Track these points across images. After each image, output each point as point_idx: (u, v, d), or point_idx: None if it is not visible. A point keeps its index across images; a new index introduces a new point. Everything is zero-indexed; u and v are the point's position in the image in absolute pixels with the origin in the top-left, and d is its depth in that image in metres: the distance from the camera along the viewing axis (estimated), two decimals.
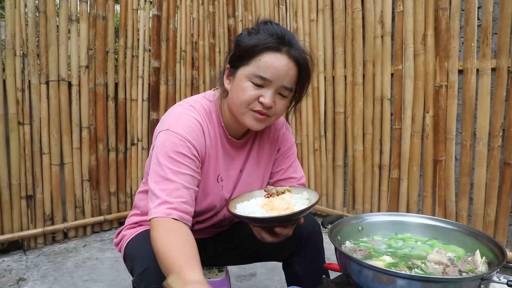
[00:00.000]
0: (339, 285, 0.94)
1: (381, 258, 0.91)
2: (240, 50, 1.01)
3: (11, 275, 2.06)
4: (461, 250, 0.99)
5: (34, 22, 2.33)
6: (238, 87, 1.01)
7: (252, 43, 0.99)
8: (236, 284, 1.95)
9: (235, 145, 1.15)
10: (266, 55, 0.98)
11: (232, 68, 1.04)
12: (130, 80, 2.79)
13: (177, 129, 0.98)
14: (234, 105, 1.03)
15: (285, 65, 0.99)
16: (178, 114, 1.04)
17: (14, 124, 2.28)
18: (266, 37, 0.99)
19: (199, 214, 1.14)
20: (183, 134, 0.98)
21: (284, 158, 1.25)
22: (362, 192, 2.58)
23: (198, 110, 1.06)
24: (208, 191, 1.11)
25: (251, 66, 0.99)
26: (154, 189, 0.94)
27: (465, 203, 2.07)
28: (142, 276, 0.93)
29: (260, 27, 1.02)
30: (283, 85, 1.00)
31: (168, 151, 0.96)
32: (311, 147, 2.88)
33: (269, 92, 0.99)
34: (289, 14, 2.95)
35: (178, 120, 1.01)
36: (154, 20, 2.84)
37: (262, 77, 0.98)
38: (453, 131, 2.10)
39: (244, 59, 1.00)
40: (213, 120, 1.09)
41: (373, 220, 1.12)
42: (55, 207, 2.48)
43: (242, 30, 1.08)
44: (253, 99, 1.00)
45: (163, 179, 0.94)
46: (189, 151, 0.98)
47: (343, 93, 2.64)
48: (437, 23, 2.11)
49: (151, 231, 0.90)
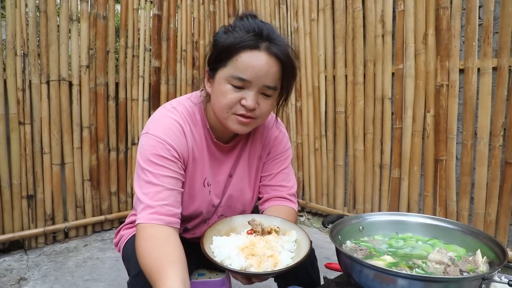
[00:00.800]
0: (340, 285, 0.93)
1: (381, 258, 0.91)
2: (217, 50, 0.95)
3: (12, 275, 2.06)
4: (462, 249, 0.99)
5: (35, 21, 2.33)
6: (218, 90, 0.95)
7: (229, 42, 0.92)
8: (237, 284, 1.95)
9: (223, 149, 1.10)
10: (243, 54, 0.91)
11: (211, 71, 0.99)
12: (131, 80, 2.79)
13: (155, 132, 0.96)
14: (216, 110, 0.98)
15: (265, 63, 0.91)
16: (158, 117, 1.01)
17: (15, 124, 2.29)
18: (242, 34, 0.91)
19: (187, 220, 1.11)
20: (161, 136, 0.96)
21: (274, 163, 1.17)
22: (363, 192, 2.57)
23: (180, 112, 1.02)
24: (195, 196, 1.07)
25: (229, 68, 0.92)
26: (138, 194, 0.94)
27: (466, 203, 2.07)
28: (136, 278, 0.92)
29: (236, 24, 0.95)
30: (265, 85, 0.93)
31: (148, 155, 0.95)
32: (311, 146, 2.88)
33: (251, 94, 0.93)
34: (290, 14, 2.95)
35: (157, 123, 0.99)
36: (154, 20, 2.84)
37: (241, 78, 0.91)
38: (454, 131, 2.10)
39: (221, 61, 0.94)
40: (198, 122, 1.05)
41: (374, 220, 1.12)
42: (56, 207, 2.48)
43: (219, 28, 1.00)
44: (234, 102, 0.93)
45: (145, 183, 0.94)
46: (169, 153, 0.95)
47: (344, 92, 2.64)
48: (438, 22, 2.10)
49: (136, 237, 0.91)
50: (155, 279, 0.79)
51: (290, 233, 0.97)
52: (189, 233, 1.17)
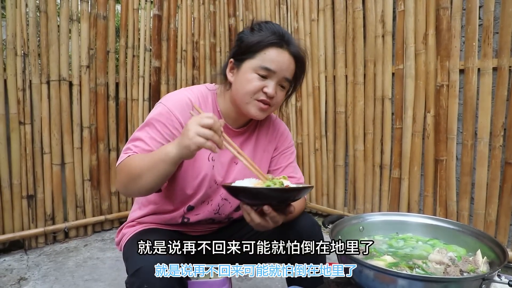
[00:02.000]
0: (340, 285, 0.93)
1: (382, 258, 0.91)
2: (245, 45, 1.10)
3: (12, 275, 2.06)
4: (462, 250, 0.99)
5: (35, 22, 2.33)
6: (244, 78, 1.09)
7: (257, 39, 1.08)
8: (237, 284, 1.95)
9: (229, 133, 1.18)
10: (270, 49, 1.08)
11: (236, 62, 1.12)
12: (131, 80, 2.79)
13: (167, 103, 1.10)
14: (239, 95, 1.10)
15: (287, 59, 1.09)
16: (173, 93, 1.17)
17: (15, 124, 2.29)
18: (269, 34, 1.08)
19: (190, 197, 1.15)
20: (169, 107, 1.08)
21: (282, 157, 1.28)
22: (363, 192, 2.57)
23: (194, 92, 1.16)
24: (199, 168, 1.14)
25: (256, 59, 1.08)
26: (128, 144, 1.05)
27: (466, 203, 2.07)
28: (134, 277, 0.93)
29: (262, 26, 1.12)
30: (285, 77, 1.10)
31: (151, 119, 1.07)
32: (312, 146, 2.88)
33: (272, 83, 1.08)
34: (290, 14, 2.95)
35: (170, 97, 1.13)
36: (155, 20, 2.84)
37: (268, 68, 1.07)
38: (454, 131, 2.10)
39: (249, 53, 1.09)
40: (209, 104, 1.17)
41: (374, 220, 1.12)
42: (56, 207, 2.48)
43: (244, 29, 1.18)
44: (258, 89, 1.08)
45: (137, 139, 1.05)
46: (171, 124, 1.07)
47: (344, 92, 2.64)
48: (438, 22, 2.10)
49: (120, 171, 1.01)
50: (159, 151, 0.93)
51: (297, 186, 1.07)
52: (192, 213, 1.19)
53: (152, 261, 0.88)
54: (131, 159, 0.99)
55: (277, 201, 0.96)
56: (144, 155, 0.98)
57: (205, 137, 0.84)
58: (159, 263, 0.87)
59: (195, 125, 0.84)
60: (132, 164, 0.97)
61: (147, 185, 0.95)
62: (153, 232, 1.13)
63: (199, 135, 0.83)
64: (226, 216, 1.27)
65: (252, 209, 0.97)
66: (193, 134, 0.83)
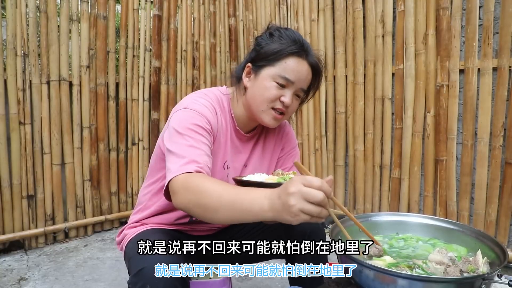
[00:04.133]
0: (340, 285, 0.93)
1: (381, 258, 0.91)
2: (265, 52, 1.09)
3: (12, 275, 2.06)
4: (463, 250, 0.99)
5: (35, 22, 2.33)
6: (262, 85, 1.08)
7: (278, 48, 1.07)
8: (237, 283, 1.95)
9: (242, 139, 1.20)
10: (291, 59, 1.07)
11: (254, 67, 1.11)
12: (131, 80, 2.79)
13: (194, 107, 1.04)
14: (255, 102, 1.09)
15: (306, 70, 1.09)
16: (194, 97, 1.10)
17: (15, 124, 2.29)
18: (290, 43, 1.07)
19: None
20: (200, 111, 1.04)
21: (288, 157, 1.30)
22: (363, 192, 2.57)
23: (211, 97, 1.13)
24: (215, 176, 1.11)
25: (276, 68, 1.07)
26: (178, 152, 0.93)
27: (466, 203, 2.07)
28: (136, 277, 0.93)
29: (283, 33, 1.10)
30: (301, 87, 1.10)
31: (187, 124, 1.00)
32: (312, 147, 2.88)
33: (290, 92, 1.08)
34: (290, 14, 2.95)
35: (194, 102, 1.07)
36: (155, 20, 2.84)
37: (287, 78, 1.06)
38: (454, 131, 2.10)
39: (269, 61, 1.08)
40: (225, 110, 1.15)
41: (374, 220, 1.12)
42: (56, 207, 2.48)
43: (263, 33, 1.15)
44: (276, 97, 1.07)
45: (187, 147, 0.95)
46: (206, 126, 1.03)
47: (344, 92, 2.64)
48: (438, 22, 2.10)
49: (184, 183, 0.86)
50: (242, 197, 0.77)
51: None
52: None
53: (155, 262, 0.88)
54: (203, 182, 0.84)
55: None
56: (222, 186, 0.82)
57: (311, 215, 0.69)
58: (160, 263, 0.87)
59: (300, 200, 0.68)
60: (207, 191, 0.82)
61: (219, 220, 0.84)
62: (155, 233, 1.13)
63: (304, 213, 0.68)
64: None
65: None
66: (297, 211, 0.68)
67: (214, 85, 3.21)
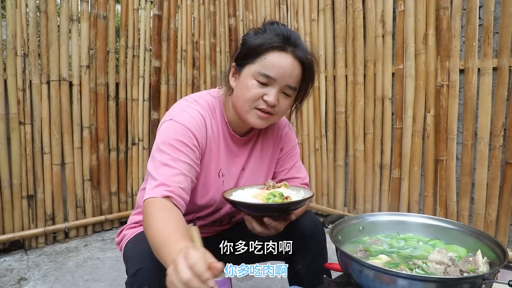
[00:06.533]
0: (340, 285, 0.93)
1: (378, 257, 0.91)
2: (246, 48, 1.03)
3: (12, 275, 2.06)
4: (463, 250, 0.99)
5: (35, 22, 2.33)
6: (243, 85, 1.02)
7: (258, 42, 1.00)
8: (237, 284, 1.95)
9: (238, 142, 1.16)
10: (271, 54, 0.99)
11: (238, 66, 1.06)
12: (131, 80, 2.79)
13: (180, 119, 1.00)
14: (239, 103, 1.04)
15: (290, 65, 1.00)
16: (182, 106, 1.06)
17: (15, 124, 2.29)
18: (272, 36, 1.00)
19: (199, 209, 1.15)
20: (185, 124, 1.00)
21: (287, 158, 1.26)
22: (363, 192, 2.57)
23: (202, 105, 1.08)
24: (209, 186, 1.11)
25: (256, 65, 1.00)
26: (153, 173, 0.95)
27: (466, 203, 2.07)
28: (134, 278, 0.93)
29: (267, 27, 1.04)
30: (287, 84, 1.02)
31: (169, 139, 0.97)
32: (312, 146, 2.88)
33: (274, 91, 1.01)
34: (290, 14, 2.95)
35: (181, 112, 1.03)
36: (155, 20, 2.84)
37: (267, 75, 0.99)
38: (454, 131, 2.10)
39: (249, 58, 1.02)
40: (217, 116, 1.11)
41: (374, 220, 1.12)
42: (56, 207, 2.48)
43: (249, 30, 1.09)
44: (257, 97, 1.01)
45: (162, 165, 0.95)
46: (190, 141, 0.99)
47: (344, 92, 2.64)
48: (438, 22, 2.10)
49: (145, 209, 0.89)
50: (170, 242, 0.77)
51: (298, 192, 1.07)
52: (200, 220, 1.19)
53: (152, 262, 0.88)
54: (152, 213, 0.86)
55: (277, 213, 0.99)
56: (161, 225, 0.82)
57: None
58: (159, 264, 0.87)
59: (173, 274, 0.64)
60: (149, 225, 0.84)
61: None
62: None
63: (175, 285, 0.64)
64: (230, 219, 1.28)
65: (253, 219, 0.99)
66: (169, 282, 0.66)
67: (214, 85, 3.21)
